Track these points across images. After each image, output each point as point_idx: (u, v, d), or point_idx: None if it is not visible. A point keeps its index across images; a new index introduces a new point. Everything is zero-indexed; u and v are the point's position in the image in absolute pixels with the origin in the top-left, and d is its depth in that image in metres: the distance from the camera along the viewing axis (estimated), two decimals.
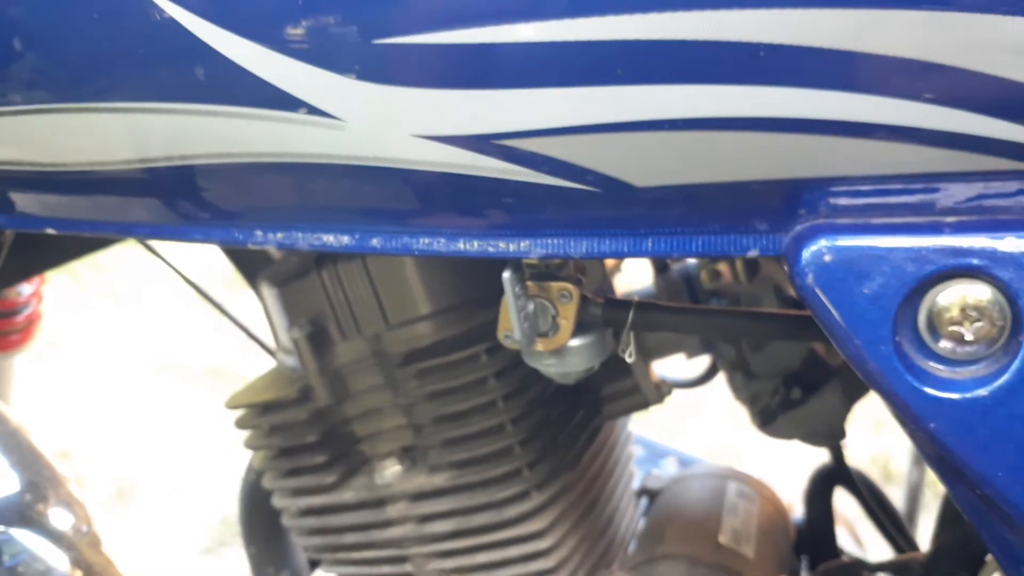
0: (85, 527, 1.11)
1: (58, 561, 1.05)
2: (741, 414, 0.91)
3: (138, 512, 2.47)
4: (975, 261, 0.39)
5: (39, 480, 1.32)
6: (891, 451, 2.35)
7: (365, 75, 0.41)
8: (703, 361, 0.92)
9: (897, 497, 1.45)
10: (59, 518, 1.13)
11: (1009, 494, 0.40)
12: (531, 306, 0.51)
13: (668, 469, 1.28)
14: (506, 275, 0.48)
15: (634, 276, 0.98)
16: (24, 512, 1.26)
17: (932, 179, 0.41)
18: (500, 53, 0.40)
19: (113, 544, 1.06)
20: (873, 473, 2.21)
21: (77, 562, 1.05)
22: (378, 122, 0.42)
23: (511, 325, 0.50)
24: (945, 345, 0.40)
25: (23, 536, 1.20)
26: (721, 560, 0.75)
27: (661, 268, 0.85)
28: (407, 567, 0.80)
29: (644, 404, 0.81)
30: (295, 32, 0.41)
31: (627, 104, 0.40)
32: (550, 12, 0.39)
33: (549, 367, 0.54)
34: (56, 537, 1.07)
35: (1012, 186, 0.40)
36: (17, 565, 0.95)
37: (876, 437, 2.30)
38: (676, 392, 0.91)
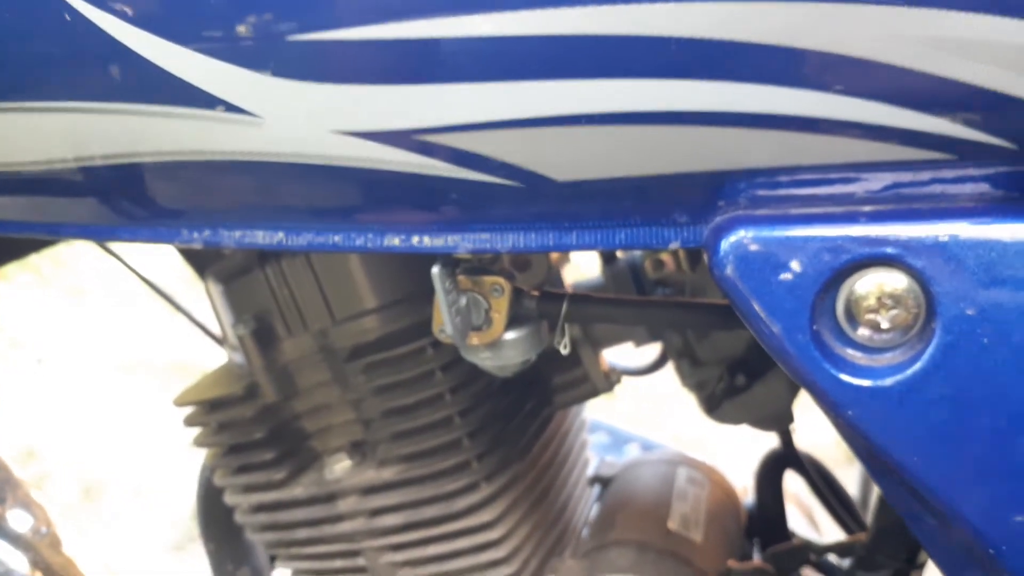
0: (44, 528, 1.10)
1: (17, 562, 1.04)
2: None
3: (106, 511, 2.45)
4: (890, 250, 0.39)
5: None
6: None
7: (280, 72, 0.41)
8: (655, 349, 0.92)
9: (854, 477, 1.47)
10: (18, 520, 1.12)
11: (925, 479, 0.41)
12: (463, 300, 0.51)
13: (632, 455, 1.29)
14: (435, 270, 0.48)
15: (587, 267, 0.98)
16: None
17: (848, 169, 0.41)
18: (418, 49, 0.40)
19: (76, 544, 1.05)
20: (837, 456, 2.23)
21: (36, 563, 1.05)
22: (296, 119, 0.42)
23: (443, 320, 0.50)
24: (863, 333, 0.41)
25: None
26: (670, 545, 0.75)
27: (608, 259, 0.85)
28: (360, 561, 0.80)
29: (594, 393, 0.81)
30: (209, 30, 0.40)
31: (544, 99, 0.40)
32: (467, 8, 0.39)
33: (485, 360, 0.54)
34: (14, 538, 1.06)
35: (925, 175, 0.41)
36: None
37: None
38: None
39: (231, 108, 0.42)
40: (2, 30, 0.46)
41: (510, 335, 0.53)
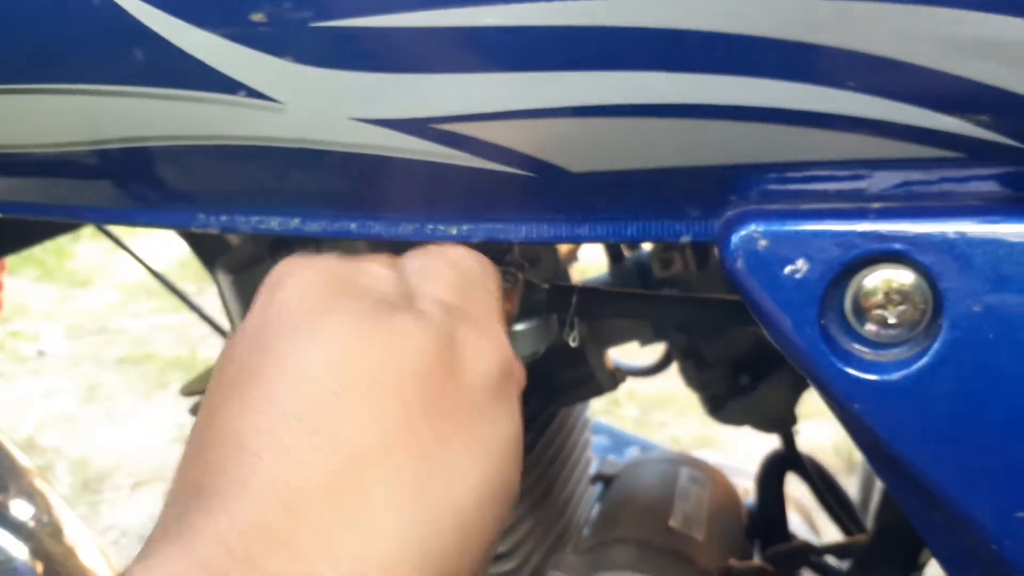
0: (46, 517, 1.10)
1: (18, 551, 1.04)
2: None
3: (105, 503, 2.46)
4: (898, 246, 0.40)
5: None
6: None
7: (303, 58, 0.41)
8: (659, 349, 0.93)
9: (854, 484, 1.47)
10: (20, 508, 1.12)
11: (930, 473, 0.41)
12: None
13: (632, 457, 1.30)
14: None
15: (596, 265, 0.99)
16: None
17: (859, 166, 0.42)
18: (437, 37, 0.41)
19: (76, 534, 1.05)
20: (836, 463, 2.23)
21: (37, 552, 1.05)
22: (317, 105, 0.43)
23: None
24: (870, 328, 0.41)
25: None
26: (671, 543, 0.76)
27: (616, 257, 0.86)
28: None
29: (599, 391, 0.82)
30: (234, 16, 0.41)
31: (561, 90, 0.41)
32: None
33: None
34: (16, 527, 1.06)
35: (935, 174, 0.41)
36: None
37: (839, 427, 2.33)
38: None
39: (253, 94, 0.43)
40: (34, 14, 0.47)
41: (520, 326, 0.54)
